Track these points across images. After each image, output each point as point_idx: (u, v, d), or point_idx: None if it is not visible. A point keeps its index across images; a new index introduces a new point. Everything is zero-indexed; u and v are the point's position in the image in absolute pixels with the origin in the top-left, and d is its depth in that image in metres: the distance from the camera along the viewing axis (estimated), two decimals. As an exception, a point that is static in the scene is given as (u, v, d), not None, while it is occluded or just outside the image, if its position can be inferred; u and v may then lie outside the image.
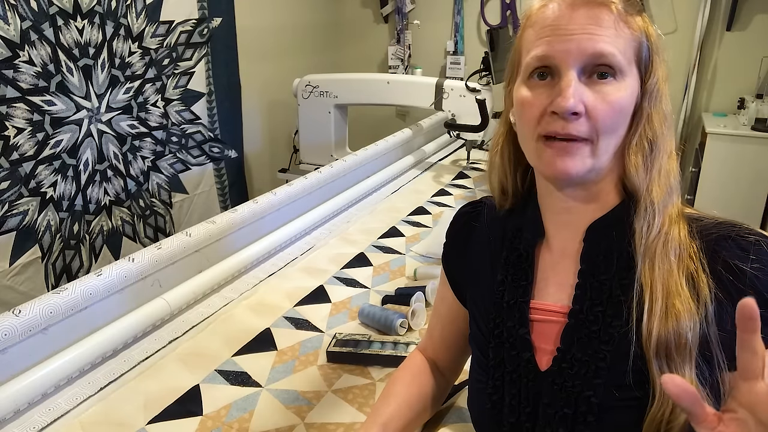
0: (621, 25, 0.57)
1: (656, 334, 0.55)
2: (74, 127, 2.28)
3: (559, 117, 0.57)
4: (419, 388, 0.82)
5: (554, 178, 0.61)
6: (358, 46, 4.25)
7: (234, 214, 1.43)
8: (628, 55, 0.58)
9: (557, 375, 0.61)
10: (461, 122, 2.33)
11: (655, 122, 0.59)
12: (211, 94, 2.92)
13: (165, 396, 0.98)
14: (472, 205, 0.79)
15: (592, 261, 0.62)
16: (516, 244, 0.69)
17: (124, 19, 2.40)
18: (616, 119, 0.58)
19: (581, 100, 0.57)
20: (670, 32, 3.18)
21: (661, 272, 0.57)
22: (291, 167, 3.28)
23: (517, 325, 0.65)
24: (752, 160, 2.78)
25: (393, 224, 1.74)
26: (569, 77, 0.57)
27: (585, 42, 0.56)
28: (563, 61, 0.57)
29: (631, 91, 0.58)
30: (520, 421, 0.63)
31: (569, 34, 0.57)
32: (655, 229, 0.58)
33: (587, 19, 0.57)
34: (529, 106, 0.60)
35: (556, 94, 0.57)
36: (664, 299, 0.56)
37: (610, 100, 0.57)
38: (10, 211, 2.09)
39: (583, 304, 0.61)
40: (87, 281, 1.07)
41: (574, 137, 0.57)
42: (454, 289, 0.80)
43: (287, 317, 1.23)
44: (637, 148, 0.59)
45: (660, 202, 0.59)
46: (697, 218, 0.61)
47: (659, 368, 0.55)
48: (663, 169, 0.60)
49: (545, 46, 0.58)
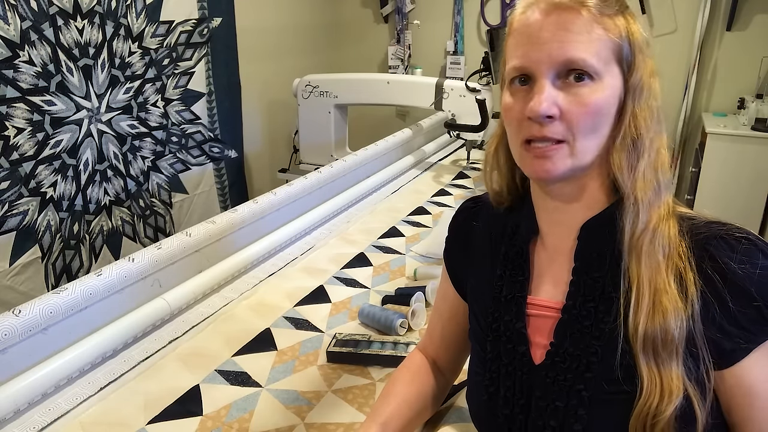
0: (594, 27, 0.58)
1: (642, 330, 0.56)
2: (74, 127, 2.28)
3: (535, 121, 0.59)
4: (419, 387, 0.82)
5: (537, 179, 0.64)
6: (358, 46, 4.25)
7: (234, 214, 1.43)
8: (604, 55, 0.58)
9: (550, 368, 0.62)
10: (461, 122, 2.33)
11: (640, 119, 0.59)
12: (211, 94, 2.92)
13: (165, 396, 0.98)
14: (474, 201, 0.81)
15: (585, 259, 0.63)
16: (514, 241, 0.70)
17: (124, 19, 2.40)
18: (592, 120, 0.58)
19: (555, 104, 0.58)
20: (670, 32, 3.18)
21: (648, 269, 0.57)
22: (291, 167, 3.28)
23: (514, 320, 0.67)
24: (752, 160, 2.78)
25: (393, 224, 1.75)
26: (541, 84, 0.58)
27: (555, 50, 0.57)
28: (537, 69, 0.59)
29: (610, 91, 0.59)
30: (514, 413, 0.65)
31: (541, 42, 0.58)
32: (641, 225, 0.58)
33: (558, 25, 0.58)
34: (509, 112, 0.62)
35: (530, 100, 0.59)
36: (651, 296, 0.57)
37: (586, 102, 0.58)
38: (10, 211, 2.09)
39: (576, 300, 0.62)
40: (87, 281, 1.07)
41: (549, 138, 0.59)
42: (455, 283, 0.81)
43: (287, 317, 1.23)
44: (621, 146, 0.60)
45: (645, 199, 0.59)
46: (689, 217, 0.61)
47: (646, 363, 0.56)
48: (649, 166, 0.60)
49: (522, 56, 0.60)
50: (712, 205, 2.88)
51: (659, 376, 0.55)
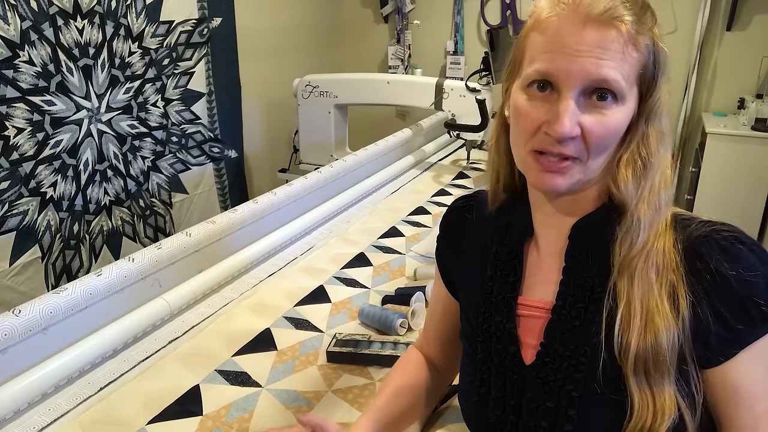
0: (629, 48, 0.55)
1: (635, 350, 0.55)
2: (74, 127, 2.28)
3: (553, 138, 0.57)
4: (412, 378, 0.82)
5: (542, 191, 0.63)
6: (358, 46, 4.25)
7: (234, 214, 1.43)
8: (631, 79, 0.56)
9: (540, 369, 0.62)
10: (461, 122, 2.33)
11: (651, 141, 0.59)
12: (211, 94, 2.91)
13: (165, 396, 0.98)
14: (465, 199, 0.80)
15: (576, 258, 0.63)
16: (506, 240, 0.70)
17: (124, 19, 2.39)
18: (609, 141, 0.58)
19: (577, 123, 0.56)
20: (670, 32, 3.17)
21: (640, 290, 0.57)
22: (291, 167, 3.28)
23: (505, 320, 0.66)
24: (752, 160, 2.78)
25: (393, 224, 1.75)
26: (568, 101, 0.55)
27: (590, 66, 0.54)
28: (565, 82, 0.56)
29: (629, 113, 0.58)
30: (505, 413, 0.65)
31: (575, 54, 0.55)
32: (638, 246, 0.58)
33: (596, 40, 0.55)
34: (525, 117, 0.59)
35: (552, 115, 0.56)
36: (642, 316, 0.56)
37: (608, 123, 0.56)
38: (10, 211, 2.09)
39: (565, 300, 0.62)
40: (87, 281, 1.07)
41: (566, 156, 0.57)
42: (447, 283, 0.81)
43: (287, 317, 1.23)
44: (628, 163, 0.59)
45: (646, 219, 0.58)
46: (683, 218, 0.61)
47: (637, 385, 0.55)
48: (654, 186, 0.59)
49: (548, 61, 0.56)
50: (712, 205, 2.88)
51: (651, 396, 0.55)
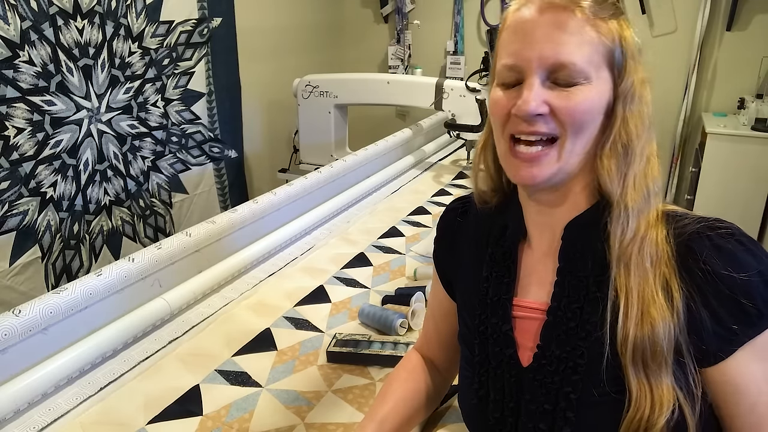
0: (587, 29, 0.57)
1: (632, 339, 0.56)
2: (74, 127, 2.28)
3: (523, 119, 0.58)
4: (415, 384, 0.82)
5: (522, 185, 0.64)
6: (358, 46, 4.25)
7: (234, 214, 1.43)
8: (595, 59, 0.58)
9: (538, 371, 0.62)
10: (461, 122, 2.33)
11: (631, 126, 0.59)
12: (211, 94, 2.92)
13: (165, 396, 0.98)
14: (461, 201, 0.80)
15: (569, 259, 0.63)
16: (501, 242, 0.70)
17: (124, 19, 2.39)
18: (581, 118, 0.58)
19: (544, 101, 0.58)
20: (670, 32, 3.17)
21: (636, 278, 0.57)
22: (291, 167, 3.28)
23: (501, 322, 0.66)
24: (752, 160, 2.78)
25: (393, 224, 1.75)
26: (530, 81, 0.58)
27: (547, 50, 0.57)
28: (527, 68, 0.58)
29: (598, 93, 0.58)
30: (504, 415, 0.65)
31: (534, 41, 0.58)
32: (630, 234, 0.58)
33: (551, 25, 0.57)
34: (496, 107, 0.62)
35: (520, 98, 0.58)
36: (639, 306, 0.56)
37: (576, 100, 0.57)
38: (10, 211, 2.09)
39: (560, 302, 0.62)
40: (87, 281, 1.07)
41: (539, 133, 0.58)
42: (445, 284, 0.81)
43: (287, 317, 1.23)
44: (610, 152, 0.59)
45: (635, 207, 0.58)
46: (676, 215, 0.61)
47: (636, 375, 0.56)
48: (639, 173, 0.59)
49: (512, 54, 0.59)
50: (712, 205, 2.88)
51: (649, 387, 0.55)
